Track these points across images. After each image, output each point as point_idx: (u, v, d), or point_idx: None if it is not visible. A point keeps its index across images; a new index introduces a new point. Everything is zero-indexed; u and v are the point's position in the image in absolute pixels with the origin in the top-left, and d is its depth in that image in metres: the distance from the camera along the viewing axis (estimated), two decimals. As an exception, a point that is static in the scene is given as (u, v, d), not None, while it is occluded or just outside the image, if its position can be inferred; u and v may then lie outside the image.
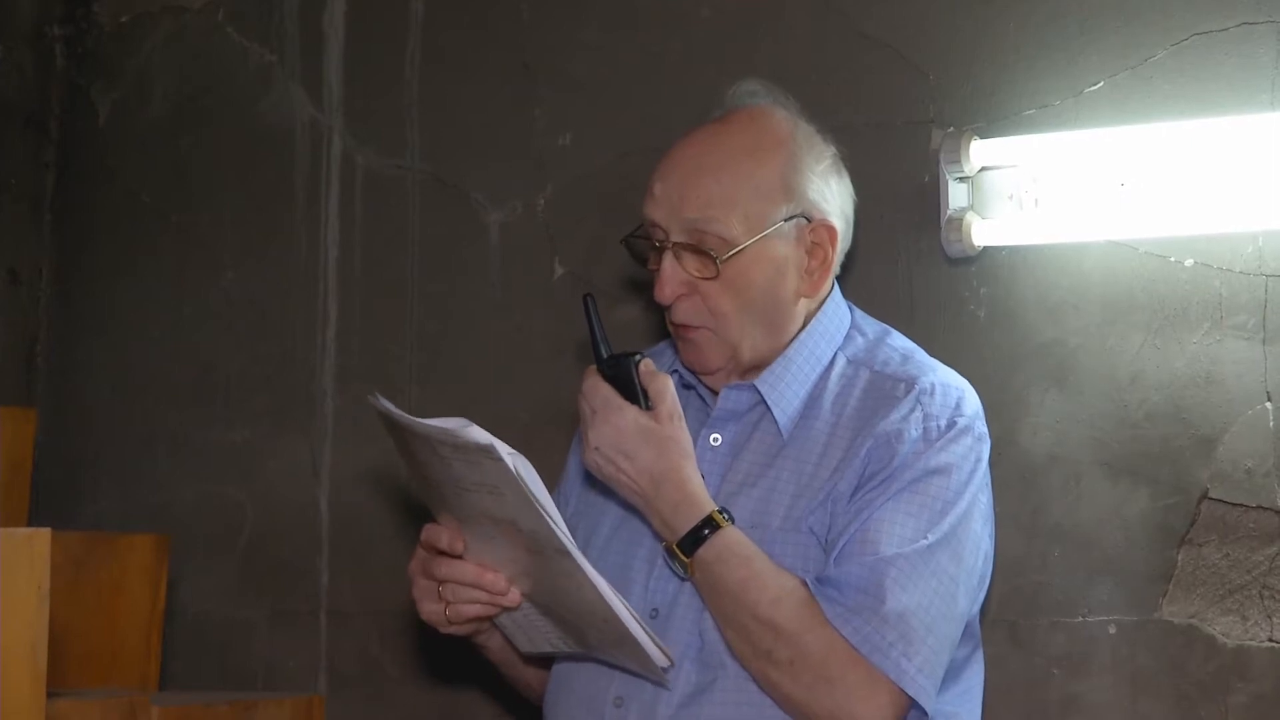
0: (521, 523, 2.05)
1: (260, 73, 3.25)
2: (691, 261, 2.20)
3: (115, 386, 3.34)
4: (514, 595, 2.15)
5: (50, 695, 1.98)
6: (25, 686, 1.92)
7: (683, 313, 2.22)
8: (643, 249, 2.28)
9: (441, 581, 2.18)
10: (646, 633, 2.08)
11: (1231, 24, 2.42)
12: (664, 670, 2.13)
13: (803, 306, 2.28)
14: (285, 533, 3.16)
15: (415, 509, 2.94)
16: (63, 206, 3.43)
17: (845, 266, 2.35)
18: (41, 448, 3.06)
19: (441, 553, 2.17)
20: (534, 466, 2.02)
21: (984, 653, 2.31)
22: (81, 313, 3.40)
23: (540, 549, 2.07)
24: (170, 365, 3.29)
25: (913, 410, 2.18)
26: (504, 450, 1.98)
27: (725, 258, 2.18)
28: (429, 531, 2.20)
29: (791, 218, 2.22)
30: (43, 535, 1.96)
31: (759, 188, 2.22)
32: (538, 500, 2.00)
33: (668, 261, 2.21)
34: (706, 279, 2.20)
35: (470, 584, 2.15)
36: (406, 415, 2.06)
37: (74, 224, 3.42)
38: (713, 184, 2.22)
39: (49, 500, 3.15)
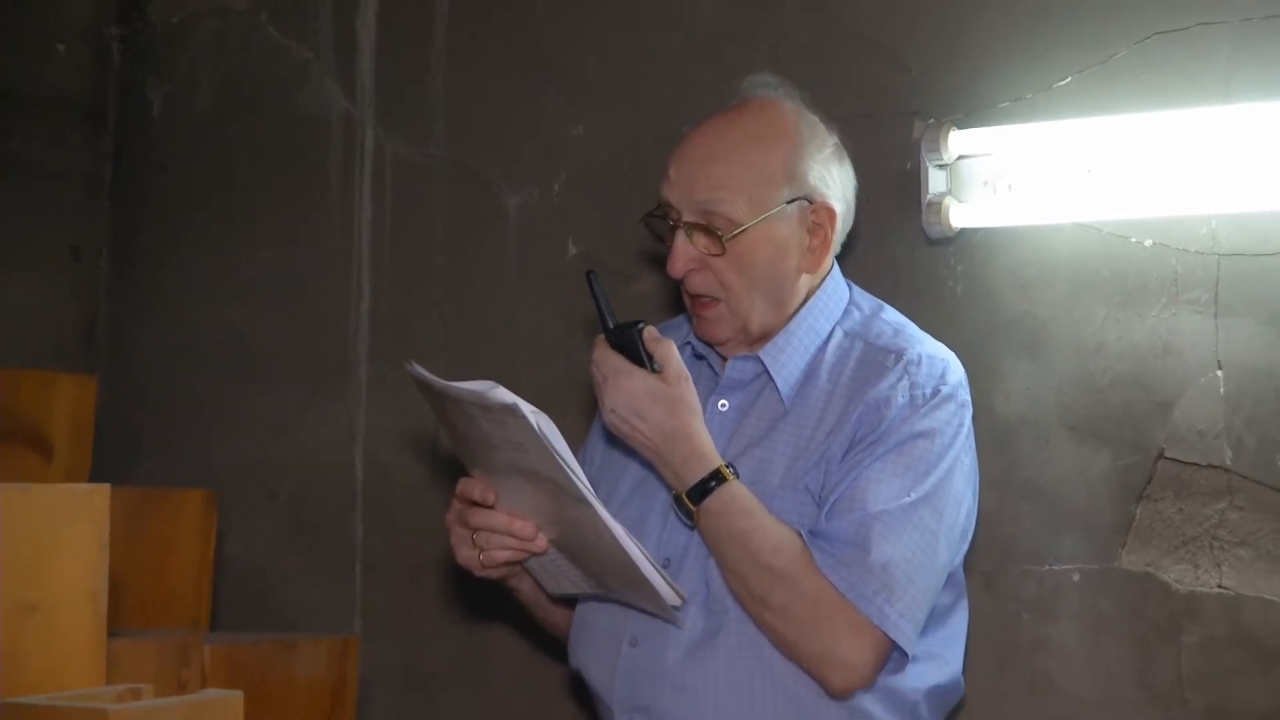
0: (545, 474, 2.07)
1: (298, 69, 3.25)
2: (701, 239, 2.22)
3: (168, 356, 3.35)
4: (541, 541, 2.18)
5: (111, 636, 2.00)
6: (88, 628, 1.94)
7: (696, 284, 2.24)
8: (659, 227, 2.29)
9: (475, 530, 2.20)
10: (660, 574, 2.10)
11: (1190, 23, 2.42)
12: (676, 609, 2.15)
13: (804, 282, 2.29)
14: (323, 490, 3.18)
15: (443, 468, 2.96)
16: (119, 192, 3.44)
17: (847, 247, 2.37)
18: (101, 412, 3.06)
19: (475, 504, 2.19)
20: (555, 422, 2.04)
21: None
22: (137, 289, 3.41)
23: (563, 499, 2.10)
24: (217, 337, 3.31)
25: (900, 379, 2.19)
26: (527, 409, 2.00)
27: (730, 236, 2.20)
28: (463, 485, 2.22)
29: (794, 200, 2.23)
30: (102, 491, 1.97)
31: (764, 172, 2.23)
32: (558, 454, 2.02)
33: (680, 239, 2.23)
34: (714, 255, 2.21)
35: (501, 531, 2.18)
36: (440, 380, 2.08)
37: (129, 208, 3.43)
38: (721, 168, 2.23)
39: (108, 460, 3.15)
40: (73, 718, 1.75)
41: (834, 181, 2.29)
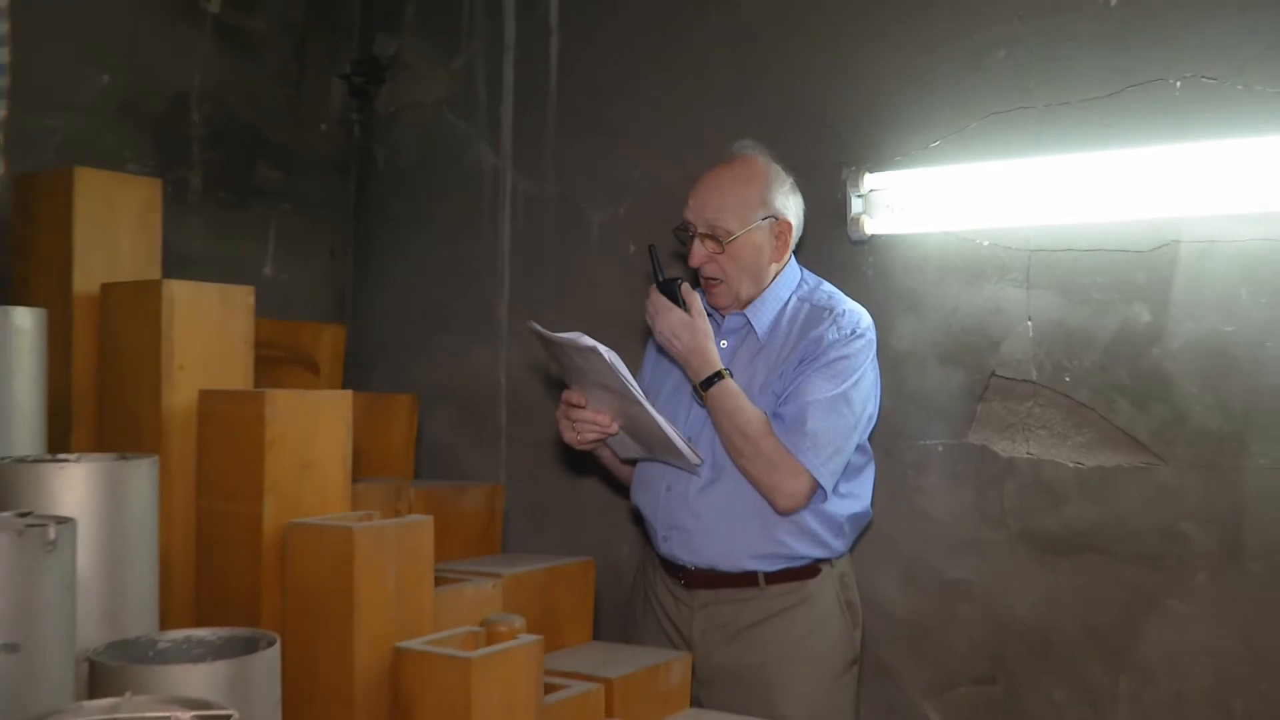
0: (615, 388, 2.11)
1: (464, 139, 3.25)
2: (710, 243, 2.24)
3: (387, 314, 3.37)
4: (614, 427, 2.23)
5: (354, 482, 2.03)
6: (340, 477, 1.97)
7: (707, 271, 2.27)
8: (682, 236, 2.30)
9: (574, 420, 2.24)
10: (685, 443, 2.15)
11: (1013, 107, 2.40)
12: (695, 466, 2.20)
13: (773, 268, 2.30)
14: (481, 394, 3.19)
15: (552, 385, 2.98)
16: (358, 215, 3.44)
17: (800, 246, 2.37)
18: (348, 348, 3.10)
19: (573, 405, 2.24)
20: (619, 353, 2.08)
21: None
22: (368, 274, 3.42)
23: (626, 401, 2.13)
24: (416, 302, 3.32)
25: (832, 324, 2.22)
26: (603, 349, 2.04)
27: (728, 242, 2.22)
28: (566, 394, 2.26)
29: (765, 218, 2.25)
30: (348, 395, 2.00)
31: (747, 201, 2.24)
32: (623, 376, 2.06)
33: (696, 244, 2.25)
34: (717, 254, 2.24)
35: (589, 421, 2.22)
36: (549, 332, 2.11)
37: (364, 224, 3.44)
38: (719, 199, 2.24)
39: (352, 376, 3.18)
40: (332, 532, 1.78)
41: (790, 205, 2.29)
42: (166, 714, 1.07)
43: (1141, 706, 2.28)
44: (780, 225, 2.28)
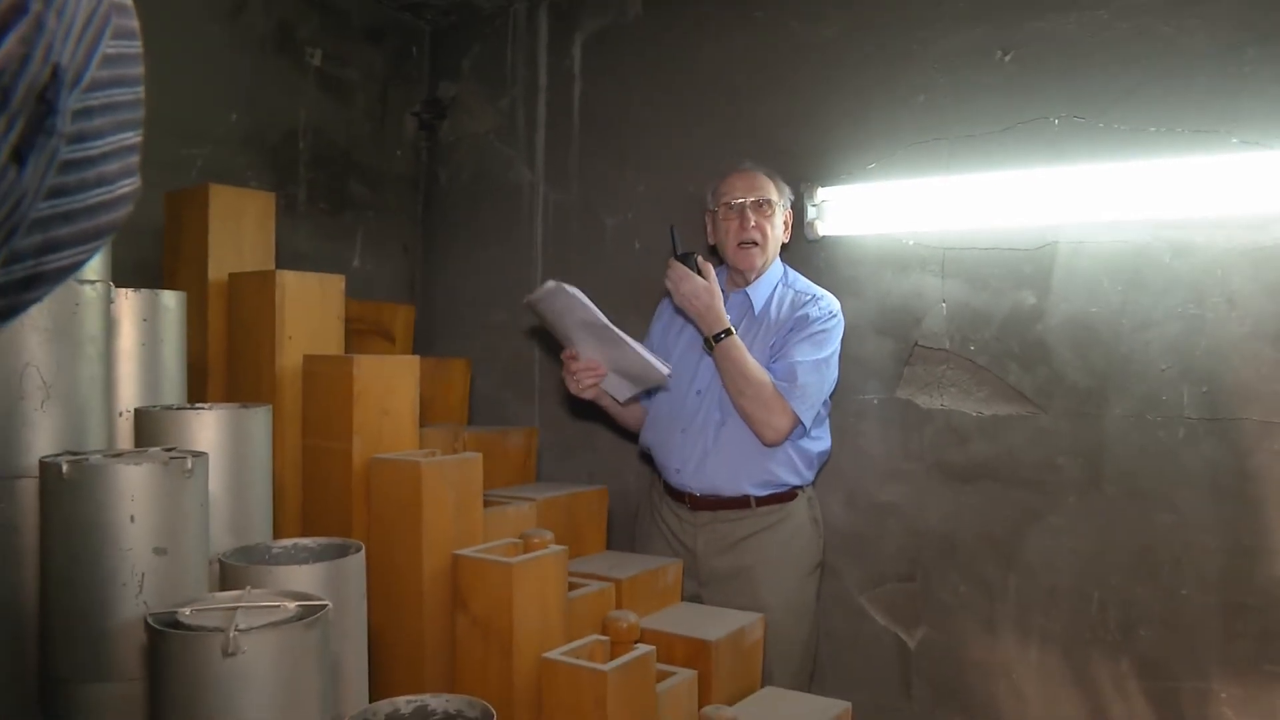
0: (590, 320, 2.07)
1: (508, 161, 3.23)
2: (757, 212, 2.31)
3: (448, 297, 3.36)
4: (602, 370, 2.22)
5: (421, 426, 2.03)
6: (410, 423, 1.95)
7: (753, 235, 2.30)
8: (725, 213, 2.33)
9: (573, 374, 2.24)
10: (654, 359, 2.12)
11: (930, 139, 2.39)
12: (666, 377, 2.17)
13: (777, 250, 2.34)
14: (519, 357, 3.18)
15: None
16: (426, 220, 3.43)
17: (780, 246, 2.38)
18: (417, 322, 3.10)
19: (570, 359, 2.24)
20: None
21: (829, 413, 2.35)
22: (433, 265, 3.41)
23: (604, 334, 2.08)
24: (469, 287, 3.30)
25: (815, 306, 2.24)
26: (567, 286, 2.01)
27: (770, 210, 2.33)
28: (564, 354, 2.26)
29: (783, 203, 2.34)
30: (415, 359, 1.98)
31: (776, 188, 2.34)
32: (585, 303, 2.04)
33: (749, 211, 2.30)
34: (763, 220, 2.31)
35: (585, 369, 2.22)
36: (532, 295, 2.10)
37: (430, 227, 3.42)
38: (762, 183, 2.32)
39: (420, 344, 3.19)
40: (405, 465, 1.78)
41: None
42: (278, 603, 1.08)
43: (1024, 596, 2.30)
44: (788, 214, 2.34)
